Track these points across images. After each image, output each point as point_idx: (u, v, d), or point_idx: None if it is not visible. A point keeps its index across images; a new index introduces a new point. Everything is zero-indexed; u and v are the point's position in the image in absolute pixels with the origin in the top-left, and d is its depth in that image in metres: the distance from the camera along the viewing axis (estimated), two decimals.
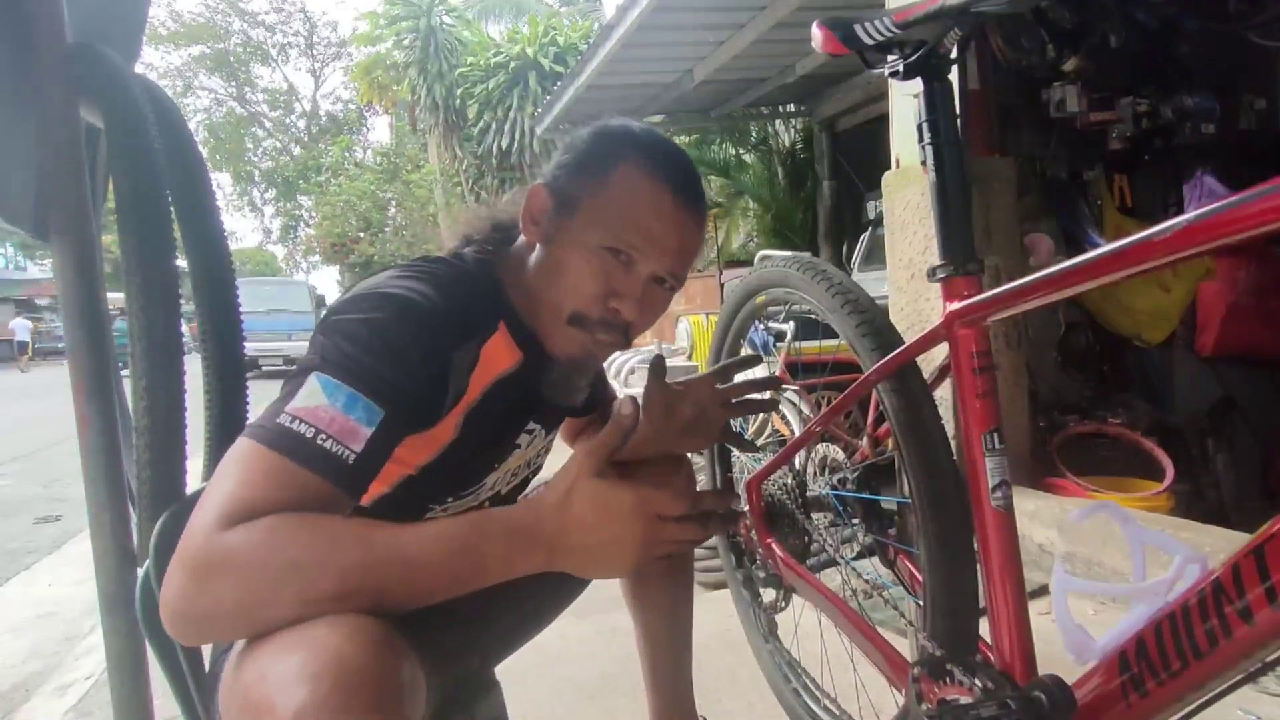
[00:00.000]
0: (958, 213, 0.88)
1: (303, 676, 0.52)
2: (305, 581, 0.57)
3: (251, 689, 0.55)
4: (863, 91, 5.84)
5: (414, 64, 12.18)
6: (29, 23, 0.93)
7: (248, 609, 0.57)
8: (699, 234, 0.84)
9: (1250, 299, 2.55)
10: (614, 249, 0.78)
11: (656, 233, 0.78)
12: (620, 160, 0.79)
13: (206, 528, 0.58)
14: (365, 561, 0.59)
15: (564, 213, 0.79)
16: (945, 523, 0.90)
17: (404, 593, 0.60)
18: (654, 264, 0.79)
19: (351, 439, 0.63)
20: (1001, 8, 0.79)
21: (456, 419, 0.77)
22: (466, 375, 0.76)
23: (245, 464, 0.62)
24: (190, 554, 0.58)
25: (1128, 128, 2.44)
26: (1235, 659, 0.57)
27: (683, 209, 0.80)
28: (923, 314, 2.28)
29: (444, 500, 0.84)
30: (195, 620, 0.58)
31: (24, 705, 1.89)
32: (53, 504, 4.10)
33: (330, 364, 0.65)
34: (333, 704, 0.51)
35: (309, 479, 0.62)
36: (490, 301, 0.81)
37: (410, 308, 0.70)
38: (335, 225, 18.91)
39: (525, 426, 0.89)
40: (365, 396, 0.65)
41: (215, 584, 0.57)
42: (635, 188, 0.78)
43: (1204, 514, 2.28)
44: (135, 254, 0.90)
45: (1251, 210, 0.53)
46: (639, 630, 1.17)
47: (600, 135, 0.83)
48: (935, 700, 0.83)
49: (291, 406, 0.63)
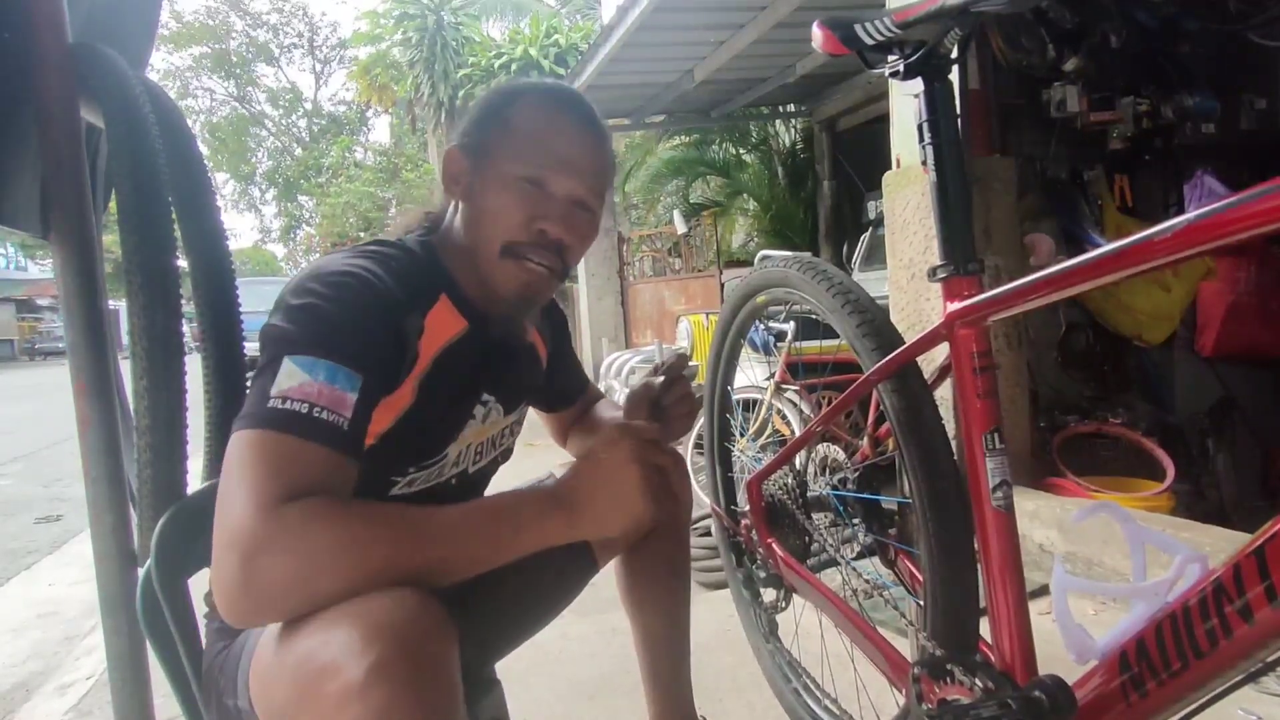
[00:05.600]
0: (958, 213, 0.88)
1: (369, 642, 0.56)
2: (360, 553, 0.61)
3: (311, 656, 0.58)
4: (863, 91, 5.84)
5: (419, 63, 12.17)
6: (30, 23, 0.93)
7: (305, 582, 0.60)
8: (604, 154, 0.90)
9: (1251, 299, 2.55)
10: (528, 178, 0.83)
11: (563, 152, 0.84)
12: (515, 101, 0.87)
13: (251, 510, 0.61)
14: (413, 531, 0.64)
15: (478, 162, 0.85)
16: (946, 523, 0.90)
17: (447, 561, 0.65)
18: (567, 183, 0.84)
19: (342, 406, 0.67)
20: (1001, 8, 0.80)
21: (412, 384, 0.80)
22: (416, 341, 0.80)
23: (256, 450, 0.64)
24: (240, 535, 0.60)
25: (1128, 128, 2.44)
26: (1235, 659, 0.57)
27: (582, 129, 0.87)
28: (923, 314, 2.28)
29: (406, 471, 0.85)
30: (254, 599, 0.60)
31: (24, 705, 1.89)
32: (53, 504, 4.10)
33: (298, 344, 0.68)
34: (398, 669, 0.55)
35: (319, 451, 0.65)
36: (429, 275, 0.85)
37: (356, 279, 0.74)
38: (335, 225, 18.92)
39: (480, 397, 0.91)
40: (342, 365, 0.68)
41: (272, 561, 0.60)
42: (534, 118, 0.85)
43: (1204, 514, 2.28)
44: (135, 254, 0.90)
45: (1252, 210, 0.53)
46: (638, 630, 1.17)
47: (494, 90, 0.91)
48: (935, 700, 0.83)
49: (277, 389, 0.66)
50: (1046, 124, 2.49)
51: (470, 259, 0.86)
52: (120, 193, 0.91)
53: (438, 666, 0.59)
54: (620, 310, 7.62)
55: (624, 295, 7.64)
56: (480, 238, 0.84)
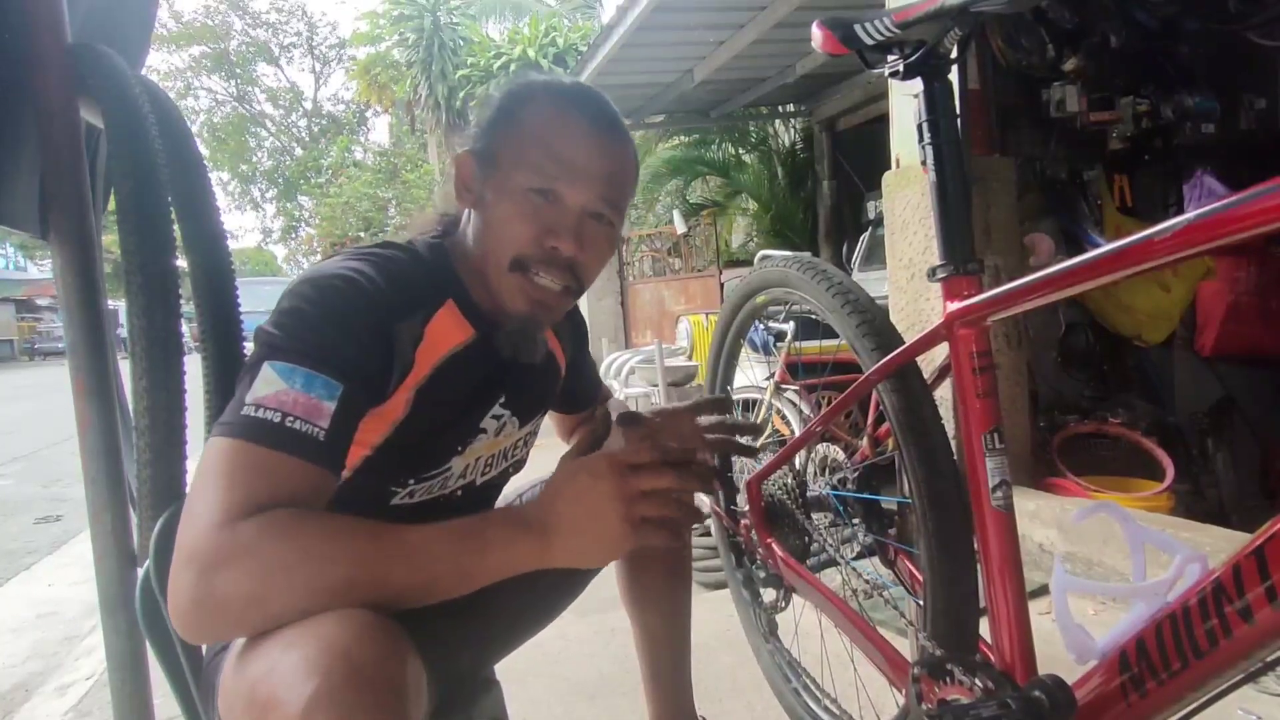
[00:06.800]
0: (958, 213, 0.88)
1: (311, 670, 0.53)
2: (315, 571, 0.58)
3: (258, 684, 0.55)
4: (863, 91, 5.84)
5: (417, 63, 12.17)
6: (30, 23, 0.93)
7: (259, 601, 0.57)
8: (622, 160, 0.83)
9: (1250, 299, 2.55)
10: (539, 189, 0.78)
11: (575, 161, 0.78)
12: (527, 102, 0.81)
13: (209, 525, 0.59)
14: (373, 550, 0.61)
15: (488, 170, 0.80)
16: (945, 523, 0.90)
17: (409, 584, 0.61)
18: (581, 194, 0.79)
19: (318, 415, 0.65)
20: (1001, 8, 0.79)
21: (406, 395, 0.77)
22: (411, 350, 0.76)
23: (225, 460, 0.62)
24: (197, 551, 0.58)
25: (1128, 128, 2.44)
26: (1235, 659, 0.57)
27: (597, 134, 0.80)
28: (923, 314, 2.28)
29: (405, 482, 0.82)
30: (208, 616, 0.58)
31: (24, 705, 1.89)
32: (53, 504, 4.10)
33: (279, 350, 0.66)
34: (340, 697, 0.52)
35: (287, 462, 0.63)
36: (436, 280, 0.82)
37: (346, 284, 0.71)
38: (335, 225, 18.91)
39: (491, 410, 0.88)
40: (320, 373, 0.66)
41: (226, 578, 0.57)
42: (544, 121, 0.79)
43: (1204, 514, 2.28)
44: (135, 254, 0.90)
45: (1251, 210, 0.53)
46: (638, 630, 1.17)
47: (507, 90, 0.84)
48: (935, 700, 0.83)
49: (252, 397, 0.64)
50: (1046, 124, 2.49)
51: (480, 269, 0.82)
52: (120, 193, 0.91)
53: (385, 694, 0.54)
54: (620, 310, 7.63)
55: (624, 295, 7.64)
56: (489, 251, 0.80)
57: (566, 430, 1.18)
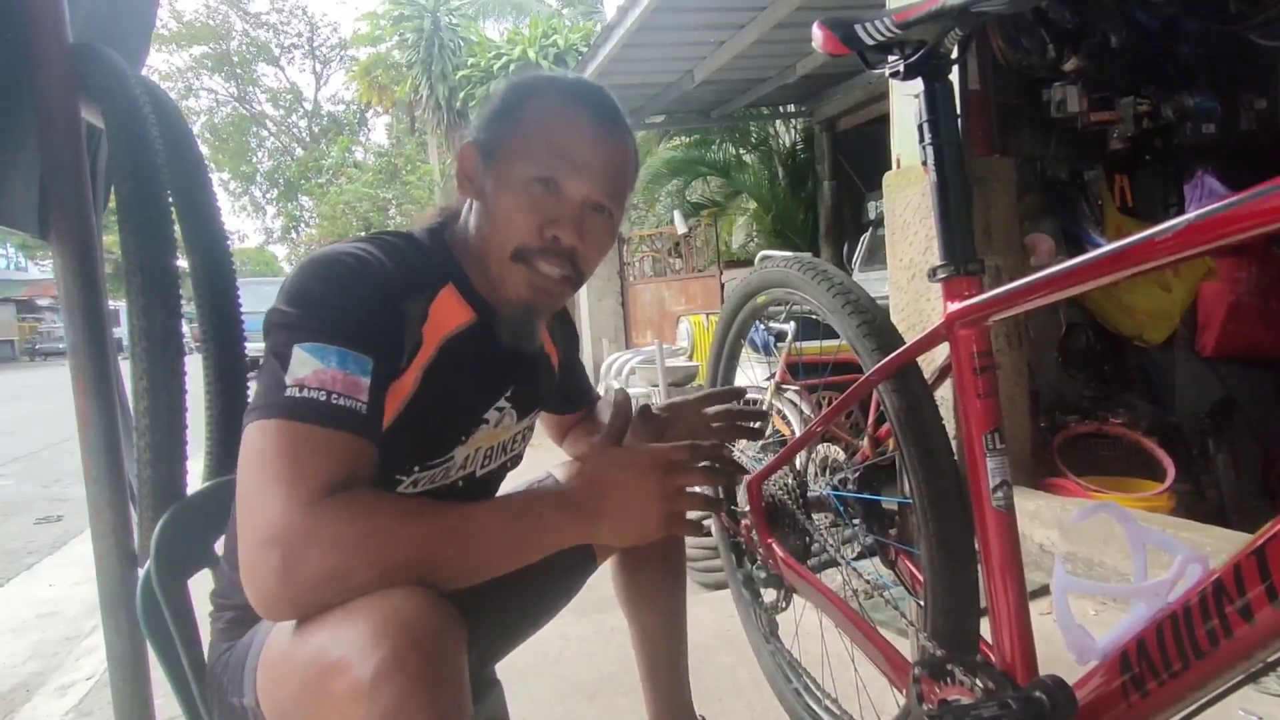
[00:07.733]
0: (958, 213, 0.88)
1: (379, 639, 0.56)
2: (392, 548, 0.62)
3: (323, 652, 0.58)
4: (863, 91, 5.84)
5: (417, 64, 12.17)
6: (30, 23, 0.93)
7: (341, 577, 0.60)
8: (623, 153, 0.85)
9: (1251, 299, 2.55)
10: (540, 179, 0.79)
11: (576, 153, 0.80)
12: (530, 95, 0.83)
13: (290, 506, 0.61)
14: (436, 527, 0.64)
15: (490, 161, 0.82)
16: (946, 523, 0.90)
17: (467, 560, 0.65)
18: (582, 186, 0.80)
19: (357, 391, 0.67)
20: (1002, 8, 0.79)
21: (416, 372, 0.78)
22: (419, 327, 0.78)
23: (281, 440, 0.64)
24: (281, 532, 0.61)
25: (1128, 128, 2.44)
26: (1236, 659, 0.57)
27: (598, 126, 0.82)
28: (923, 314, 2.28)
29: (410, 469, 0.83)
30: (294, 593, 0.61)
31: (25, 705, 1.89)
32: (53, 504, 4.10)
33: (305, 330, 0.68)
34: (407, 664, 0.56)
35: (341, 438, 0.65)
36: (437, 264, 0.83)
37: (357, 262, 0.73)
38: (335, 226, 18.91)
39: (496, 401, 0.89)
40: (351, 350, 0.68)
41: (313, 555, 0.60)
42: (548, 114, 0.81)
43: (1205, 514, 2.28)
44: (135, 254, 0.90)
45: (1252, 210, 0.53)
46: (635, 630, 1.17)
47: (510, 83, 0.86)
48: (936, 700, 0.83)
49: (292, 378, 0.65)
50: (1046, 124, 2.49)
51: (481, 258, 0.83)
52: (120, 193, 0.91)
53: (448, 663, 0.59)
54: (620, 310, 7.63)
55: (624, 295, 7.64)
56: (491, 241, 0.82)
57: (560, 431, 1.19)
